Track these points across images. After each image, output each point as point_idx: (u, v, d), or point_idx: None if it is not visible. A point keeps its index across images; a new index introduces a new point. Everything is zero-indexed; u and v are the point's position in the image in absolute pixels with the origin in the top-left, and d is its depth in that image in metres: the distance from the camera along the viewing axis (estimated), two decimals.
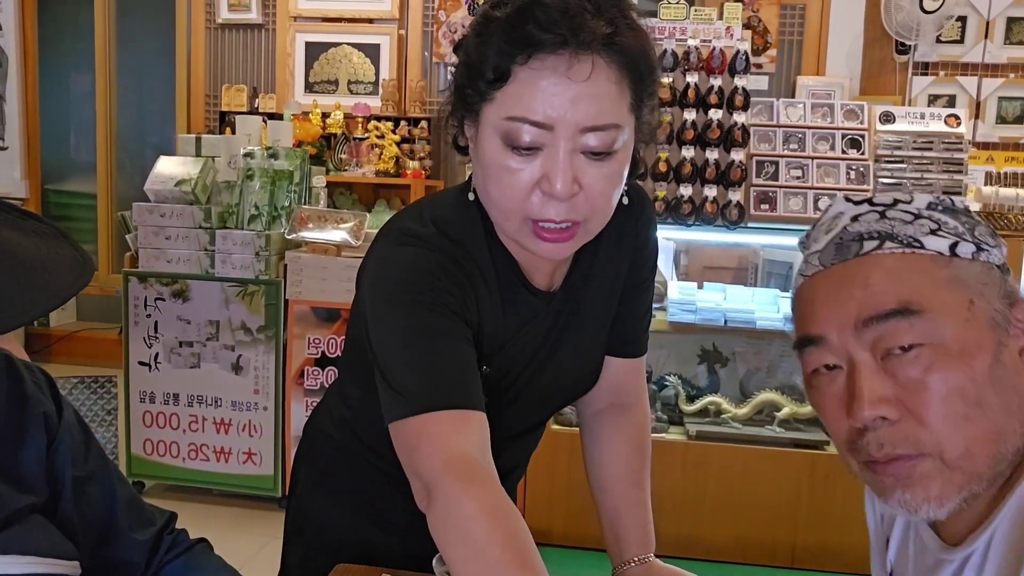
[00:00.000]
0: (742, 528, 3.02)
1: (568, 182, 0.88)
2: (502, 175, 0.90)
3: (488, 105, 0.90)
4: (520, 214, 0.92)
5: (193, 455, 3.34)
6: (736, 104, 2.99)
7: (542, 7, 0.87)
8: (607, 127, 0.89)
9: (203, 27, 4.99)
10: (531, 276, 1.06)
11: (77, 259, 0.77)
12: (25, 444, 0.89)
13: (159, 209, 3.29)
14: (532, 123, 0.87)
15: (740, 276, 3.55)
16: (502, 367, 1.05)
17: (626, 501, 1.20)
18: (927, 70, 4.33)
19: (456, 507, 0.83)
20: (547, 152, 0.88)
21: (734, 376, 3.27)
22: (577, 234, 0.93)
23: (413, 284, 0.95)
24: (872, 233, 0.78)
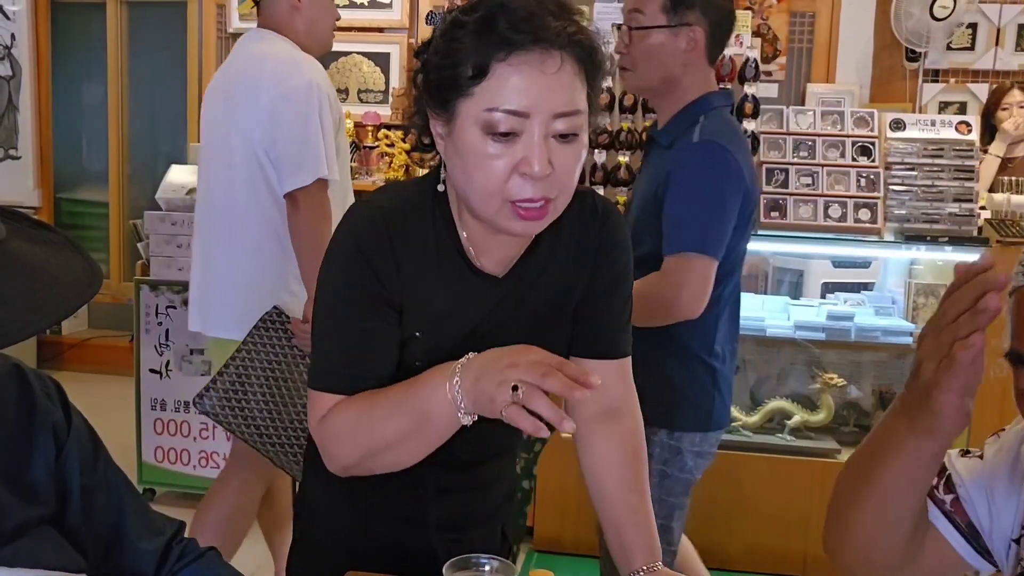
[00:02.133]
0: (753, 537, 3.01)
1: (544, 163, 1.00)
2: (483, 161, 1.01)
3: (465, 100, 1.01)
4: (500, 196, 1.02)
5: (204, 463, 3.34)
6: (746, 112, 2.99)
7: (509, 11, 0.99)
8: (573, 113, 1.02)
9: (214, 36, 5.02)
10: (479, 258, 1.14)
11: (86, 269, 0.77)
12: (34, 454, 0.88)
13: (171, 217, 3.31)
14: (511, 112, 0.99)
15: (750, 284, 3.54)
16: (435, 335, 1.13)
17: (628, 508, 1.20)
18: (937, 77, 4.32)
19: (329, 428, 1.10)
20: (524, 138, 1.00)
21: (744, 384, 3.26)
22: (549, 211, 1.05)
23: (347, 262, 1.10)
24: None
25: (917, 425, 0.86)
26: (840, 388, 3.00)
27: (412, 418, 1.04)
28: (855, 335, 2.99)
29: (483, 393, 0.97)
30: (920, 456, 0.89)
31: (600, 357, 1.25)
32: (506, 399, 0.93)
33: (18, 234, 0.74)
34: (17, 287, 0.68)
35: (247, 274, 2.27)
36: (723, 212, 1.80)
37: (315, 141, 2.15)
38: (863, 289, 3.34)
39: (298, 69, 2.21)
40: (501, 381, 0.94)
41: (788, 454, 2.99)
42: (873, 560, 1.00)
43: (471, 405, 0.99)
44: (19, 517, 0.83)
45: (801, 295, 3.34)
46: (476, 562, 1.14)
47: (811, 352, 3.10)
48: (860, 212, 3.01)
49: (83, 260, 0.78)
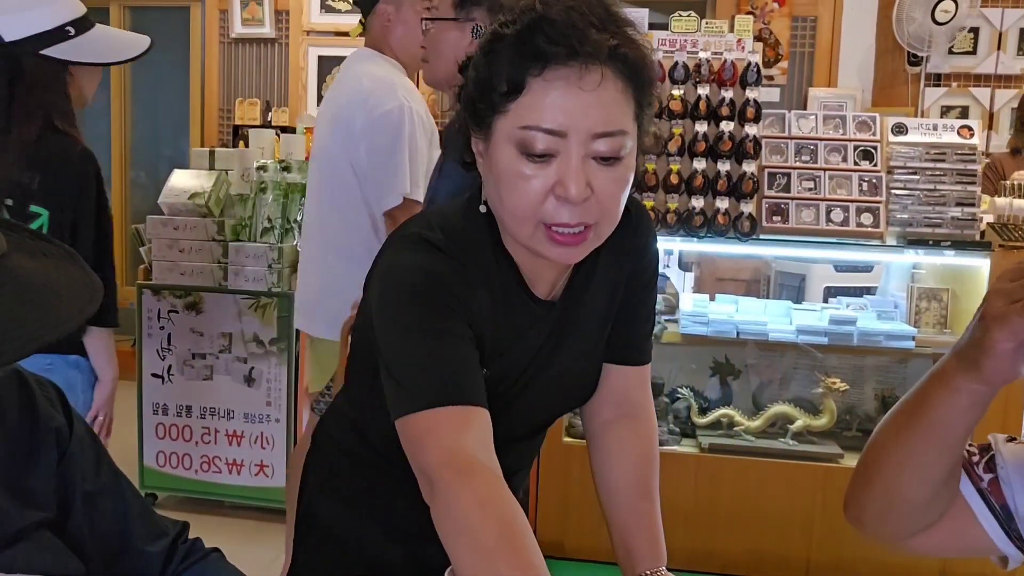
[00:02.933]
0: (755, 541, 3.00)
1: (581, 186, 0.93)
2: (517, 182, 0.95)
3: (501, 117, 0.95)
4: (534, 219, 0.96)
5: (205, 467, 3.34)
6: (748, 116, 2.99)
7: (549, 23, 0.92)
8: (615, 133, 0.94)
9: (217, 42, 5.03)
10: (533, 285, 1.09)
11: (87, 284, 0.77)
12: (36, 460, 0.88)
13: (173, 222, 3.31)
14: (546, 131, 0.92)
15: (752, 288, 3.54)
16: (501, 371, 1.08)
17: (635, 514, 1.20)
18: (940, 81, 4.32)
19: (455, 499, 0.87)
20: (560, 158, 0.93)
21: (747, 388, 3.26)
22: (589, 238, 0.98)
23: (420, 286, 0.99)
24: None
25: (966, 361, 0.84)
26: (843, 392, 3.00)
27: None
28: (857, 339, 2.99)
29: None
30: (961, 399, 0.86)
31: (625, 363, 1.24)
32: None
33: (19, 247, 0.73)
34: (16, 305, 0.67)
35: (340, 281, 2.32)
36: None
37: (401, 162, 2.25)
38: (865, 293, 3.34)
39: (392, 92, 2.28)
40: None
41: (790, 458, 2.99)
42: (891, 514, 0.98)
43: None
44: (18, 523, 0.83)
45: (803, 299, 3.34)
46: None
47: (813, 356, 3.10)
48: (862, 216, 3.01)
49: (83, 274, 0.78)
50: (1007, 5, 4.24)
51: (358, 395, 1.22)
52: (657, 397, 3.18)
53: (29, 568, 0.81)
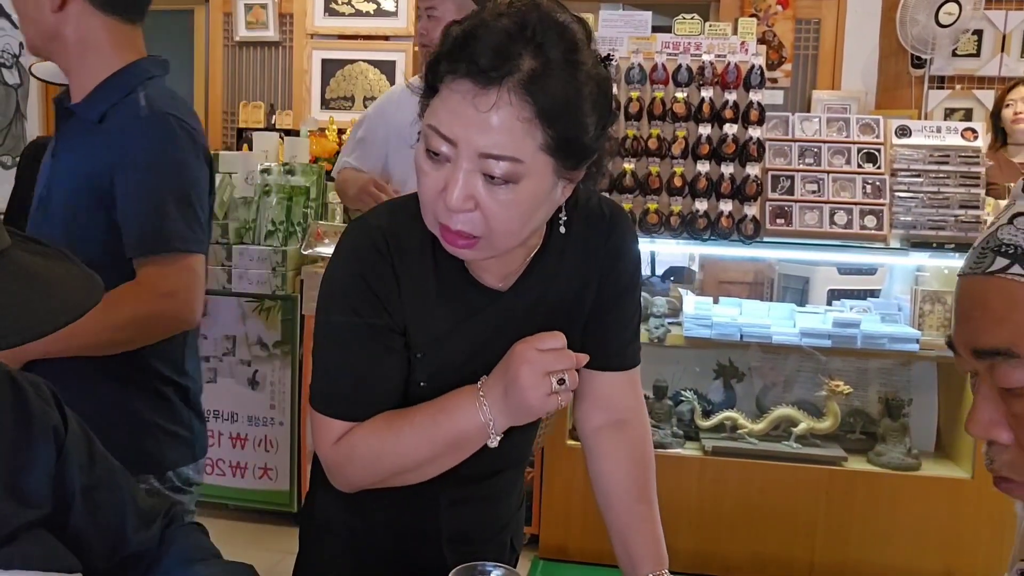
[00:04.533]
0: (759, 544, 3.00)
1: (460, 198, 0.94)
2: (420, 176, 0.98)
3: (426, 112, 0.99)
4: (432, 214, 1.00)
5: (209, 470, 3.34)
6: (751, 119, 2.99)
7: (478, 38, 0.92)
8: (504, 158, 0.93)
9: (221, 45, 5.04)
10: (479, 273, 1.11)
11: (86, 276, 0.78)
12: (33, 460, 0.89)
13: None
14: (441, 135, 0.94)
15: (756, 291, 3.54)
16: (440, 355, 1.10)
17: (635, 518, 1.20)
18: (943, 84, 4.32)
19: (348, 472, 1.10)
20: (451, 165, 0.95)
21: (750, 391, 3.26)
22: (478, 246, 0.99)
23: (344, 281, 1.08)
24: (1008, 248, 0.70)
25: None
26: (846, 395, 3.00)
27: (442, 445, 1.05)
28: (861, 342, 2.98)
29: (521, 405, 0.99)
30: None
31: (611, 369, 1.23)
32: (551, 401, 0.99)
33: (18, 246, 0.75)
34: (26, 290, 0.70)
35: None
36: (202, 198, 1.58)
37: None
38: (869, 296, 3.33)
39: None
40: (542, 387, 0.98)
41: (794, 461, 2.99)
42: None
43: (505, 421, 1.02)
44: (14, 522, 0.84)
45: (807, 302, 3.34)
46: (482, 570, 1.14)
47: (817, 359, 3.10)
48: (866, 219, 3.01)
49: (81, 270, 0.80)
50: (1011, 7, 4.23)
51: None
52: (660, 400, 3.18)
53: (26, 564, 0.82)
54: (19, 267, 0.71)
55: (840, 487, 2.96)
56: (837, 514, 2.96)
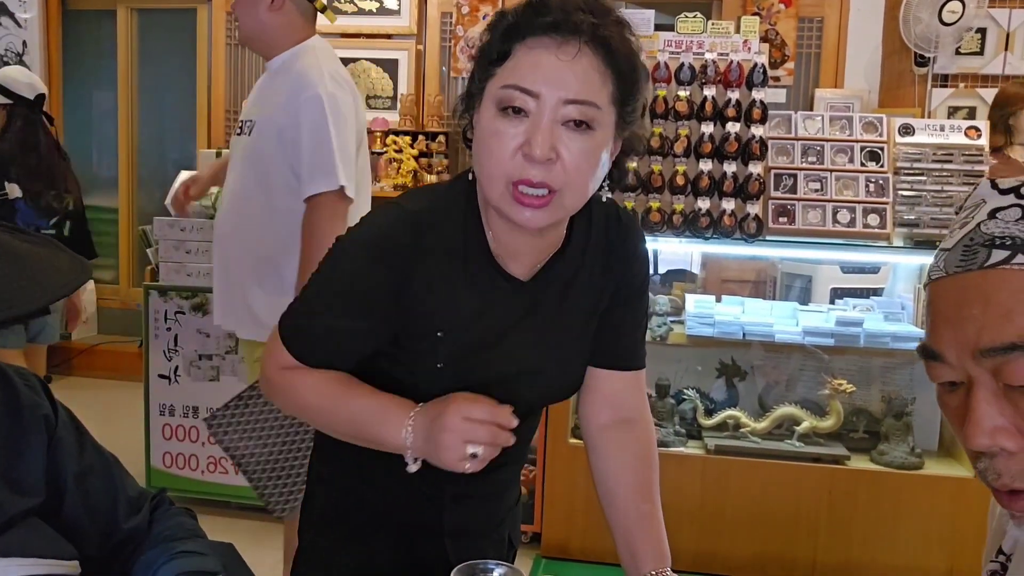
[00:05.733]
0: (761, 544, 3.00)
1: (546, 146, 0.99)
2: (492, 140, 1.02)
3: (490, 82, 1.04)
4: (504, 178, 1.02)
5: (212, 468, 3.35)
6: (754, 117, 2.99)
7: (543, 3, 1.02)
8: (586, 102, 1.01)
9: (223, 43, 5.04)
10: (505, 263, 1.14)
11: (75, 261, 0.81)
12: (25, 449, 0.91)
13: (179, 223, 3.32)
14: (522, 89, 1.00)
15: (758, 289, 3.54)
16: (461, 339, 1.12)
17: (638, 515, 1.21)
18: (946, 82, 4.31)
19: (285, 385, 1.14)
20: (532, 118, 1.00)
21: (753, 390, 3.25)
22: (552, 203, 1.02)
23: (366, 243, 1.12)
24: (1006, 239, 0.67)
25: None
26: (849, 394, 2.99)
27: (364, 439, 1.12)
28: (864, 341, 2.98)
29: (434, 456, 1.04)
30: None
31: (619, 368, 1.26)
32: (460, 466, 1.03)
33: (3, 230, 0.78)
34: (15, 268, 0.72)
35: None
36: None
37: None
38: (872, 294, 3.33)
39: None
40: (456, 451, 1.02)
41: (797, 460, 2.98)
42: None
43: (422, 455, 1.06)
44: (9, 511, 0.85)
45: (810, 301, 3.33)
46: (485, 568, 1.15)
47: (820, 358, 3.09)
48: (869, 217, 3.00)
49: (68, 254, 0.82)
50: (1014, 5, 4.22)
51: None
52: (663, 398, 3.18)
53: (24, 552, 0.83)
54: (4, 248, 0.73)
55: (843, 486, 2.95)
56: (840, 513, 2.95)
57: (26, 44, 5.19)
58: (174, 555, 0.95)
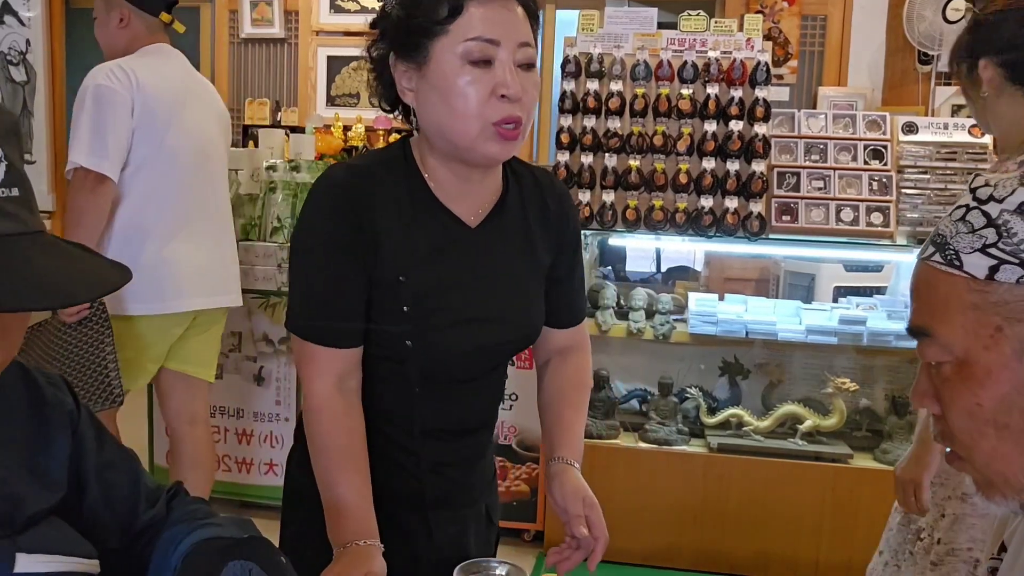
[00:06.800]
0: (764, 542, 3.00)
1: (518, 86, 1.14)
2: (466, 88, 1.13)
3: (441, 39, 1.14)
4: (481, 120, 1.14)
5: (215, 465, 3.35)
6: (757, 115, 2.99)
7: None
8: (530, 44, 1.17)
9: (226, 42, 5.05)
10: (450, 204, 1.24)
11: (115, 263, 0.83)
12: (51, 446, 0.92)
13: None
14: (487, 40, 1.13)
15: (761, 288, 3.54)
16: (422, 282, 1.21)
17: (561, 419, 1.36)
18: (950, 80, 4.29)
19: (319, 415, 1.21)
20: (498, 64, 1.13)
21: (756, 388, 3.25)
22: (519, 135, 1.17)
23: (325, 200, 1.21)
24: (938, 238, 0.78)
25: None
26: (852, 393, 2.99)
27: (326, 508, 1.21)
28: (867, 339, 2.98)
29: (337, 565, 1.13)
30: None
31: (566, 326, 1.40)
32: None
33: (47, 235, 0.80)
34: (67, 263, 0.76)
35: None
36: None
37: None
38: (875, 293, 3.33)
39: None
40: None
41: (800, 459, 2.98)
42: None
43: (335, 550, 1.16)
44: (35, 507, 0.87)
45: (813, 299, 3.33)
46: (487, 565, 1.15)
47: (823, 356, 3.09)
48: (872, 216, 3.00)
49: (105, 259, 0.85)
50: None
51: None
52: (666, 396, 3.18)
53: (48, 548, 0.84)
54: (55, 246, 0.76)
55: (846, 485, 2.95)
56: (843, 512, 2.95)
57: (29, 42, 5.20)
58: (196, 527, 0.97)
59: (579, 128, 3.09)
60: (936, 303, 0.77)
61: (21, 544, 0.82)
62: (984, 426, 0.75)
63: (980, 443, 0.76)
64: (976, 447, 0.76)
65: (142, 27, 2.60)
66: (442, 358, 1.23)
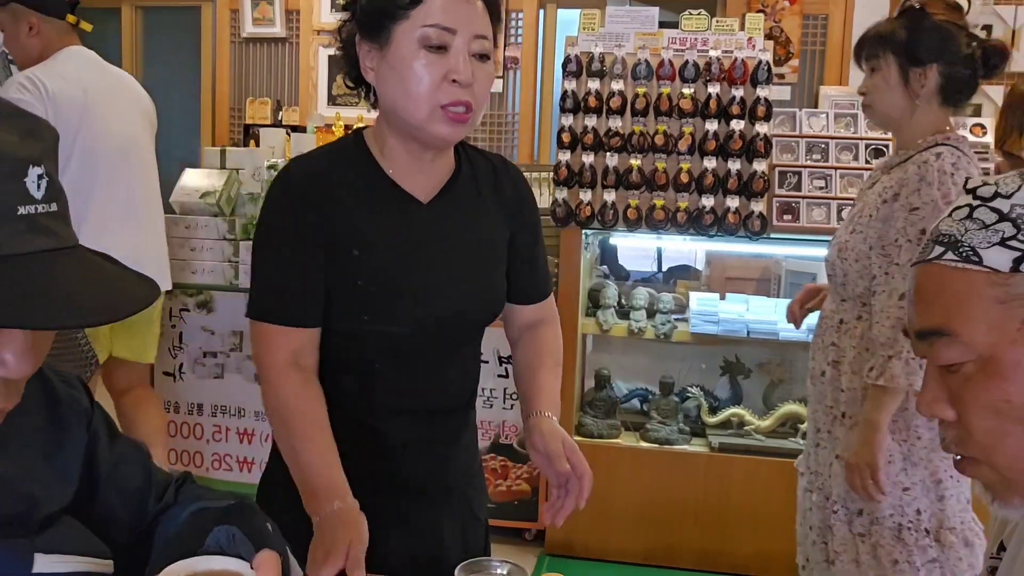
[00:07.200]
0: (765, 542, 2.99)
1: (469, 73, 1.21)
2: (420, 71, 1.20)
3: (402, 23, 1.20)
4: (431, 102, 1.21)
5: (216, 465, 3.36)
6: (758, 115, 2.99)
7: None
8: (487, 36, 1.24)
9: (228, 42, 5.05)
10: (403, 182, 1.31)
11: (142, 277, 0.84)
12: (66, 445, 0.93)
13: (184, 221, 3.33)
14: (444, 28, 1.20)
15: (763, 287, 3.53)
16: (375, 256, 1.27)
17: (535, 379, 1.41)
18: None
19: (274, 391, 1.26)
20: (452, 51, 1.21)
21: (757, 388, 3.25)
22: (469, 120, 1.24)
23: (283, 189, 1.29)
24: (944, 238, 0.76)
25: None
26: None
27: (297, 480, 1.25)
28: None
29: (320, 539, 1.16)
30: None
31: (531, 302, 1.46)
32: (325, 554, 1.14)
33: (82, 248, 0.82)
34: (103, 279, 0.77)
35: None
36: None
37: None
38: None
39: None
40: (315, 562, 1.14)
41: None
42: None
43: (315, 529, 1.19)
44: (48, 507, 0.87)
45: None
46: (488, 565, 1.16)
47: None
48: None
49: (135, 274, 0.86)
50: (1020, 3, 4.21)
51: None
52: (667, 396, 3.18)
53: (65, 549, 0.85)
54: (89, 260, 0.77)
55: None
56: None
57: None
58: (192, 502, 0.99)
59: (580, 127, 3.09)
60: (951, 302, 0.75)
61: (39, 544, 0.83)
62: (1011, 424, 0.73)
63: (1004, 443, 0.74)
64: (999, 447, 0.75)
65: (52, 32, 2.69)
66: (398, 330, 1.27)
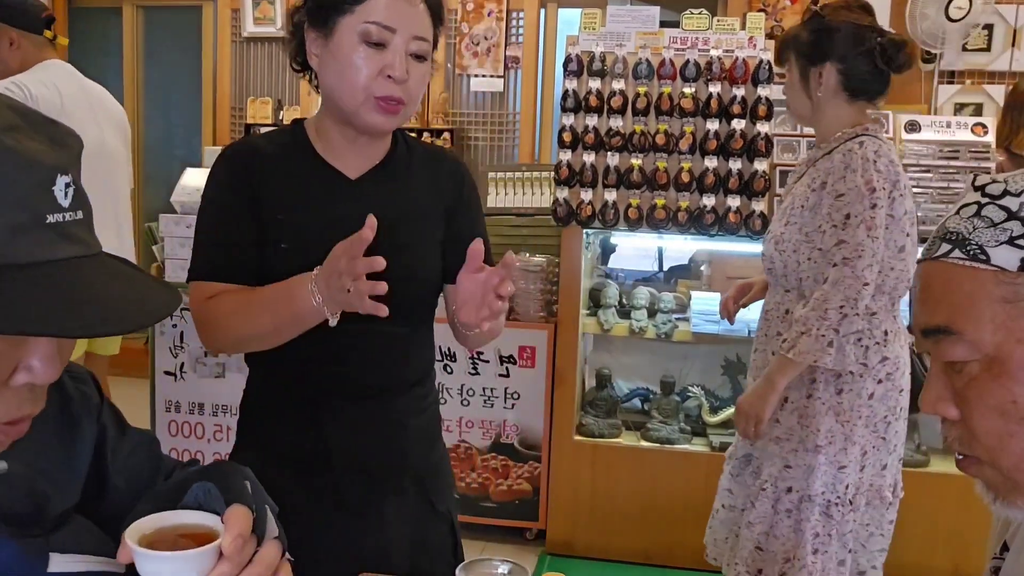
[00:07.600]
0: None
1: (403, 70, 1.31)
2: (358, 63, 1.30)
3: (345, 16, 1.30)
4: (365, 93, 1.31)
5: None
6: (759, 114, 2.98)
7: None
8: (426, 39, 1.34)
9: (229, 41, 5.05)
10: (333, 161, 1.40)
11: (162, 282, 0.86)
12: (76, 442, 0.94)
13: (186, 220, 3.33)
14: (383, 26, 1.30)
15: None
16: (298, 221, 1.36)
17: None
18: (953, 79, 4.29)
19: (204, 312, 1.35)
20: (390, 48, 1.31)
21: None
22: (400, 112, 1.34)
23: (220, 166, 1.40)
24: (951, 235, 0.75)
25: None
26: None
27: (285, 320, 1.28)
28: None
29: (335, 300, 1.20)
30: None
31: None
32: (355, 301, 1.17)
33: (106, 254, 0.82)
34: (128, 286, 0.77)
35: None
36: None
37: None
38: None
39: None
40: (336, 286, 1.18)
41: None
42: None
43: (331, 306, 1.22)
44: (60, 505, 0.88)
45: None
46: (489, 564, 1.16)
47: None
48: None
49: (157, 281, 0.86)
50: (1021, 2, 4.20)
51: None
52: (668, 395, 3.18)
53: (78, 548, 0.85)
54: (114, 267, 0.78)
55: None
56: None
57: None
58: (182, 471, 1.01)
59: (581, 127, 3.09)
60: (958, 300, 0.74)
61: (53, 544, 0.83)
62: (1016, 425, 0.72)
63: (1010, 443, 0.73)
64: (1005, 448, 0.74)
65: (30, 46, 2.85)
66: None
